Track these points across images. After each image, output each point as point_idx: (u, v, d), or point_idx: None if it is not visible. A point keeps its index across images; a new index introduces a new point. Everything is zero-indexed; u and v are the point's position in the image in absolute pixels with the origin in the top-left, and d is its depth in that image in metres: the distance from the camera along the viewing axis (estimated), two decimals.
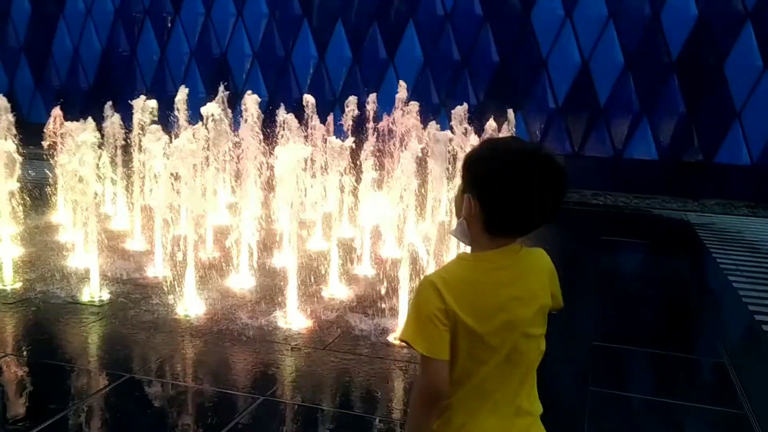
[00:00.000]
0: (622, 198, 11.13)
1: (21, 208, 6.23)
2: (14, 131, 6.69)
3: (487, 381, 1.75)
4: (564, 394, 4.09)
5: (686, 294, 6.31)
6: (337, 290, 5.64)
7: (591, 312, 5.58)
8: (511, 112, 9.20)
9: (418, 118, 7.76)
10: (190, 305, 5.12)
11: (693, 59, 10.92)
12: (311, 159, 7.16)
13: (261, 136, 7.00)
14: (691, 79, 10.98)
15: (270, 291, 5.48)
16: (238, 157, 7.11)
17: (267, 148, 6.59)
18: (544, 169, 1.67)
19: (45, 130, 7.77)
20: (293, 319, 4.93)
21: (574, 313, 5.54)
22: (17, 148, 5.85)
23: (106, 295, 5.36)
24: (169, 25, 13.40)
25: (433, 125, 7.07)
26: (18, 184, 5.81)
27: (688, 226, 9.29)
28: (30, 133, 8.68)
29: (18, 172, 5.82)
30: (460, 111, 7.80)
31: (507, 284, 1.73)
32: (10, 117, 5.80)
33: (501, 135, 8.77)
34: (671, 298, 6.16)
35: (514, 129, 9.11)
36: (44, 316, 5.01)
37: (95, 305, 5.20)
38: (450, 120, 9.57)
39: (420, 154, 5.65)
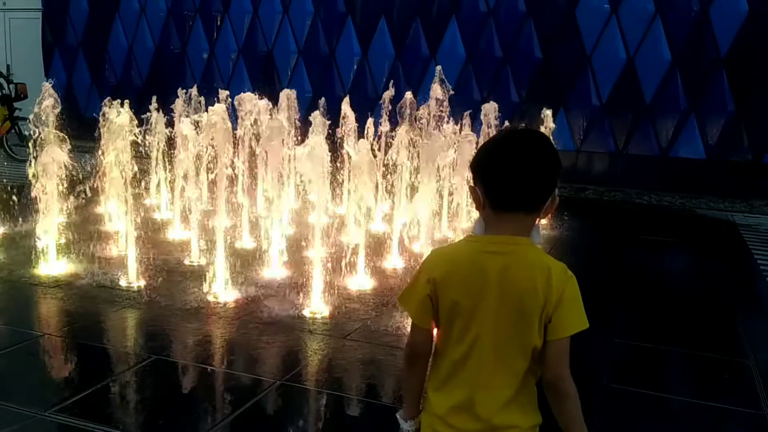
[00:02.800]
0: (668, 197, 10.89)
1: (69, 199, 6.56)
2: (69, 124, 6.92)
3: (453, 358, 1.81)
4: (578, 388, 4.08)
5: (720, 294, 6.17)
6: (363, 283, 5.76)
7: (619, 309, 5.54)
8: (547, 113, 9.06)
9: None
10: (221, 292, 5.32)
11: (743, 56, 10.57)
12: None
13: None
14: (741, 76, 10.64)
15: (299, 280, 5.63)
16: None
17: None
18: (523, 141, 1.80)
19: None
20: (318, 308, 5.07)
21: (601, 311, 5.52)
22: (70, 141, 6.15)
23: (142, 282, 5.61)
24: (218, 23, 13.76)
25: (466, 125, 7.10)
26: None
27: (733, 227, 9.04)
28: (87, 127, 9.08)
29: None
30: (489, 108, 7.79)
31: (483, 268, 1.76)
32: (53, 104, 6.05)
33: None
34: (704, 298, 6.03)
35: (550, 129, 9.00)
36: (83, 299, 5.28)
37: (131, 290, 5.45)
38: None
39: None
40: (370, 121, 7.60)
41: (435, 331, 1.87)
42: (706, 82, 10.96)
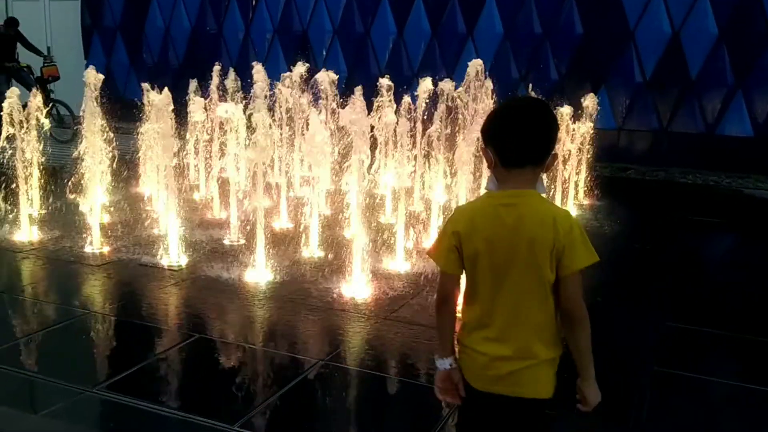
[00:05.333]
0: (713, 177, 10.57)
1: (111, 179, 6.64)
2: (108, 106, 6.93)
3: (482, 298, 2.09)
4: (626, 373, 3.99)
5: None
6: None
7: (668, 292, 5.39)
8: (591, 97, 8.75)
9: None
10: (261, 273, 5.33)
11: None
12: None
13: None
14: None
15: (338, 261, 5.59)
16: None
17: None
18: (526, 107, 2.10)
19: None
20: (358, 288, 5.04)
21: (650, 293, 5.39)
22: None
23: (183, 260, 5.65)
24: (254, 3, 13.71)
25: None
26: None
27: None
28: (126, 109, 9.17)
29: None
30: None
31: (499, 218, 2.05)
32: (95, 84, 6.09)
33: (581, 113, 8.50)
34: (752, 281, 5.84)
35: (596, 109, 8.74)
36: (126, 277, 5.35)
37: (173, 269, 5.49)
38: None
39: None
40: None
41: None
42: (754, 56, 10.55)
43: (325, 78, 8.33)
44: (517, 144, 2.03)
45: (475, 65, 7.03)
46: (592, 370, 2.09)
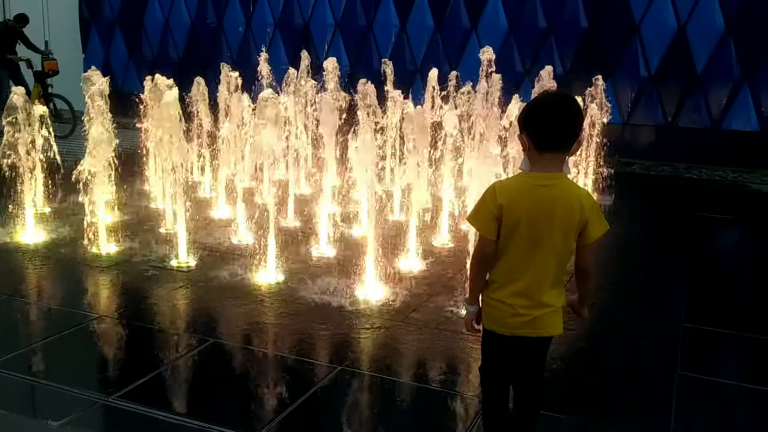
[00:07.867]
0: (719, 172, 10.52)
1: (114, 176, 6.50)
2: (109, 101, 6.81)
3: (513, 260, 2.54)
4: (651, 378, 3.93)
5: None
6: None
7: (681, 292, 5.33)
8: (600, 80, 8.69)
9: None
10: (272, 274, 5.24)
11: None
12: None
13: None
14: None
15: (350, 261, 5.50)
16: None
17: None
18: (558, 101, 2.52)
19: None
20: (372, 290, 4.96)
21: (663, 293, 5.33)
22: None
23: (193, 261, 5.56)
24: None
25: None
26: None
27: None
28: (124, 103, 9.05)
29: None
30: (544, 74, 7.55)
31: (538, 197, 2.49)
32: (105, 85, 5.98)
33: (590, 104, 8.41)
34: (762, 278, 5.78)
35: (604, 98, 8.66)
36: (135, 280, 5.25)
37: (183, 271, 5.40)
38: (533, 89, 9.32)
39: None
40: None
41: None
42: (761, 51, 10.47)
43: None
44: (548, 132, 2.46)
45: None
46: (589, 300, 2.74)
